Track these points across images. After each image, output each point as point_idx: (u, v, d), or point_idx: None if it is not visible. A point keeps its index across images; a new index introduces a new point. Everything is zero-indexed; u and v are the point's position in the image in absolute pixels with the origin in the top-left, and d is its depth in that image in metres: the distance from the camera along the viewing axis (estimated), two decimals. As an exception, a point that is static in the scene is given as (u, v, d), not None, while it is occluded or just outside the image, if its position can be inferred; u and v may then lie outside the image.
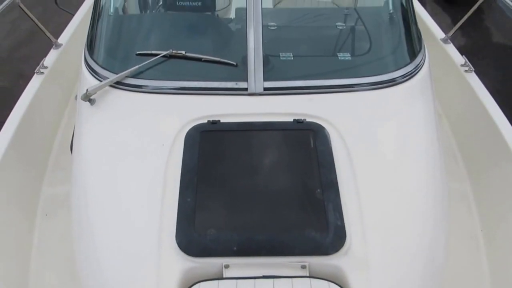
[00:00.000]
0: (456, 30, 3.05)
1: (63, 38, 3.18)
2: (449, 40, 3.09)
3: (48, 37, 3.00)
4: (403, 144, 1.86)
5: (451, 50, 3.00)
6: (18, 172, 2.31)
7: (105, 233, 1.63)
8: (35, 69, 2.82)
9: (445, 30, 3.25)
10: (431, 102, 2.05)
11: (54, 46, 3.06)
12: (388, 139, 1.89)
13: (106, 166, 1.79)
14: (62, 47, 3.07)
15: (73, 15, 3.66)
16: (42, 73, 2.76)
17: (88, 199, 1.73)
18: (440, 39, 3.12)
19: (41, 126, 2.65)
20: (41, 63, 2.84)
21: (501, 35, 5.81)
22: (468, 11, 2.92)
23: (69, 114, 2.94)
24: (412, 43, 2.20)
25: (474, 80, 2.68)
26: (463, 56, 2.89)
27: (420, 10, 3.56)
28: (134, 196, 1.68)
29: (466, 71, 2.76)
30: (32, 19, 2.85)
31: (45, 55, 3.00)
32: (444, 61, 2.98)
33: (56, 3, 4.01)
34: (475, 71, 2.76)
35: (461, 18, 2.96)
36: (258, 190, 1.62)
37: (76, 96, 2.53)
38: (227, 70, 1.98)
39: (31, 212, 2.30)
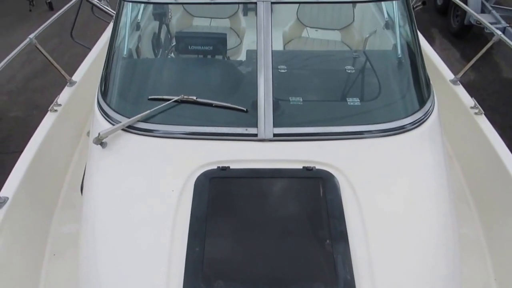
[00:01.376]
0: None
1: (77, 76, 3.24)
2: (458, 82, 3.09)
3: (63, 75, 3.06)
4: (413, 193, 1.85)
5: (461, 91, 3.00)
6: (28, 210, 2.33)
7: (112, 279, 1.61)
8: (49, 99, 2.89)
9: (454, 65, 3.25)
10: (441, 148, 2.04)
11: (68, 83, 3.11)
12: (398, 188, 1.87)
13: (116, 209, 1.79)
14: (75, 84, 3.12)
15: (87, 47, 3.75)
16: (56, 110, 2.82)
17: (96, 243, 1.73)
18: (450, 80, 3.13)
19: (52, 165, 2.68)
20: (55, 101, 2.89)
21: (511, 70, 5.82)
22: (477, 45, 2.92)
23: (80, 152, 2.97)
24: (421, 89, 2.21)
25: (484, 123, 2.68)
26: (473, 98, 2.88)
27: (428, 50, 3.58)
28: (142, 243, 1.67)
29: (476, 113, 2.76)
30: (47, 58, 2.92)
31: (59, 87, 3.05)
32: (453, 103, 2.97)
33: (71, 36, 4.13)
34: (485, 114, 2.75)
35: (469, 53, 2.97)
36: (266, 241, 1.61)
37: (88, 133, 2.56)
38: (237, 116, 2.00)
39: (39, 251, 2.30)
